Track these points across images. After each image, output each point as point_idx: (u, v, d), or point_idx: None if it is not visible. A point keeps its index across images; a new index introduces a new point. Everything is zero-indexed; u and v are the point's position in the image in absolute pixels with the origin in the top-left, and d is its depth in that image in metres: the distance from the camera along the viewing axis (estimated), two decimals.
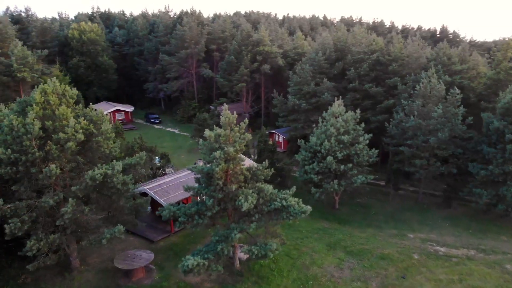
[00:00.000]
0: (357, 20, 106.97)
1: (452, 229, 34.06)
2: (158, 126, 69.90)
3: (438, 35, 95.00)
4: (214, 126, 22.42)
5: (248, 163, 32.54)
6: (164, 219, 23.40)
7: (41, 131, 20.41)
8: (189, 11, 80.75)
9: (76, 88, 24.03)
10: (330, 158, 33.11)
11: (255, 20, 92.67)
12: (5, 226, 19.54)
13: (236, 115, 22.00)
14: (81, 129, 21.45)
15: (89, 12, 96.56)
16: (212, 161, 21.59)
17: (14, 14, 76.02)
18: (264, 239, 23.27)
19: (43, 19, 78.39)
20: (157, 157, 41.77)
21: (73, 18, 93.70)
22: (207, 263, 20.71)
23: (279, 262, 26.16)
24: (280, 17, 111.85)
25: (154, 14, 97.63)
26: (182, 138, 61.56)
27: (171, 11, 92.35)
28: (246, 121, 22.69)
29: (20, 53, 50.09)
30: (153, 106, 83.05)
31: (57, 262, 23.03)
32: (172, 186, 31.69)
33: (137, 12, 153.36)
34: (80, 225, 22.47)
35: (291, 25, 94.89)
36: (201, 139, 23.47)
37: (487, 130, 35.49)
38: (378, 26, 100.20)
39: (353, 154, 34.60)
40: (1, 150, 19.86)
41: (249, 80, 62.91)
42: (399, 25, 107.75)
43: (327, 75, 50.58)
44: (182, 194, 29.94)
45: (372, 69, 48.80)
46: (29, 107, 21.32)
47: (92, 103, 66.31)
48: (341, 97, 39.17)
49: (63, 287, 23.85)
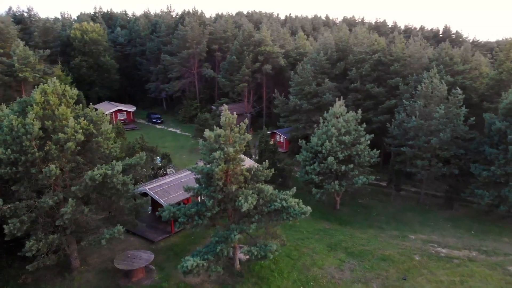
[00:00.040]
0: (360, 20, 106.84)
1: (453, 230, 33.89)
2: (160, 126, 69.94)
3: (441, 35, 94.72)
4: (214, 127, 22.37)
5: (249, 163, 32.52)
6: (164, 219, 23.36)
7: (40, 131, 20.39)
8: (191, 11, 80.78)
9: (78, 88, 24.11)
10: (331, 159, 33.00)
11: (257, 20, 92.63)
12: (4, 227, 19.53)
13: (236, 116, 21.92)
14: (80, 129, 21.42)
15: (92, 12, 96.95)
16: (212, 161, 21.54)
17: (17, 14, 76.32)
18: (264, 240, 23.18)
19: (45, 19, 78.58)
20: (158, 157, 41.77)
21: (75, 18, 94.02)
22: (206, 264, 20.63)
23: (279, 263, 26.06)
24: (282, 17, 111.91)
25: (156, 14, 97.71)
26: (184, 138, 61.53)
27: (173, 11, 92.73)
28: (246, 121, 22.62)
29: (22, 53, 50.24)
30: (155, 106, 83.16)
31: (57, 262, 22.98)
32: (173, 187, 31.61)
33: (139, 12, 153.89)
34: (80, 225, 22.47)
35: (293, 25, 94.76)
36: (202, 139, 23.43)
37: (489, 131, 35.29)
38: (380, 26, 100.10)
39: (354, 155, 34.47)
40: (1, 150, 19.84)
41: (251, 80, 62.80)
42: (401, 25, 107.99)
43: (329, 75, 50.44)
44: (182, 195, 29.84)
45: (374, 69, 48.66)
46: (29, 107, 21.31)
47: (94, 103, 67.12)
48: (343, 97, 39.06)
49: (63, 287, 23.81)
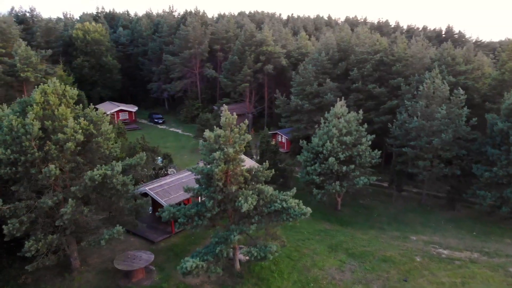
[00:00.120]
0: (362, 20, 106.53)
1: (455, 231, 33.71)
2: (162, 126, 69.97)
3: (443, 35, 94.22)
4: (214, 127, 22.31)
5: (250, 163, 32.44)
6: (164, 220, 23.31)
7: (40, 131, 20.37)
8: (193, 11, 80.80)
9: (80, 88, 24.18)
10: (332, 159, 32.89)
11: (259, 20, 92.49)
12: (3, 227, 19.52)
13: (236, 116, 21.84)
14: (80, 130, 21.38)
15: (94, 12, 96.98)
16: (212, 162, 21.48)
17: (19, 14, 76.44)
18: (264, 241, 23.10)
19: (47, 19, 78.73)
20: (159, 158, 41.78)
21: (77, 18, 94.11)
22: (206, 265, 20.55)
23: (279, 264, 25.95)
24: (285, 17, 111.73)
25: (158, 14, 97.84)
26: (185, 138, 61.51)
27: (175, 11, 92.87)
28: (246, 122, 22.52)
29: (24, 53, 50.33)
30: (157, 106, 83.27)
31: (57, 262, 22.96)
32: (174, 187, 31.55)
33: (141, 12, 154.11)
34: (79, 225, 22.44)
35: (295, 25, 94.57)
36: (202, 139, 23.38)
37: (491, 132, 35.10)
38: (383, 26, 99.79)
39: (356, 155, 34.34)
40: (1, 150, 19.81)
41: (252, 80, 62.74)
42: (404, 25, 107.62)
43: (330, 75, 50.30)
44: (183, 195, 29.76)
45: (376, 69, 48.48)
46: (29, 107, 21.30)
47: (96, 103, 67.19)
48: (344, 97, 38.89)
49: (63, 287, 23.79)
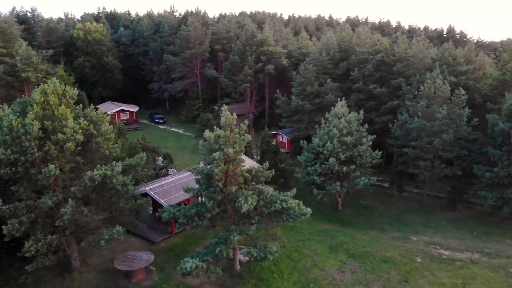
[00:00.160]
0: (363, 20, 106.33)
1: (456, 232, 33.63)
2: (163, 126, 69.97)
3: (445, 35, 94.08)
4: (214, 127, 22.28)
5: (250, 164, 32.41)
6: (163, 220, 23.27)
7: (40, 131, 20.37)
8: (194, 11, 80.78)
9: (81, 88, 24.22)
10: (332, 160, 32.83)
11: (261, 20, 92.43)
12: (3, 227, 19.52)
13: (236, 116, 21.79)
14: (80, 130, 21.38)
15: (95, 12, 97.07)
16: (212, 162, 21.45)
17: (20, 14, 76.42)
18: (264, 242, 23.06)
19: (49, 19, 78.75)
20: (160, 158, 41.77)
21: (79, 18, 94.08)
22: (206, 266, 20.52)
23: (280, 265, 25.90)
24: (286, 17, 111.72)
25: (159, 14, 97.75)
26: (186, 138, 61.51)
27: (176, 11, 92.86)
28: (246, 122, 22.46)
29: (25, 53, 50.33)
30: (158, 106, 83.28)
31: (56, 262, 22.93)
32: (174, 187, 31.52)
33: (142, 12, 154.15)
34: (79, 226, 22.43)
35: (296, 25, 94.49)
36: (202, 140, 23.36)
37: (492, 132, 35.00)
38: (384, 26, 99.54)
39: (356, 156, 34.26)
40: (1, 150, 19.81)
41: (253, 81, 62.69)
42: (405, 25, 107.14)
43: (331, 75, 50.22)
44: (183, 195, 29.72)
45: (377, 69, 48.38)
46: (29, 107, 21.30)
47: (97, 103, 67.29)
48: (345, 97, 38.88)
49: (63, 287, 23.82)
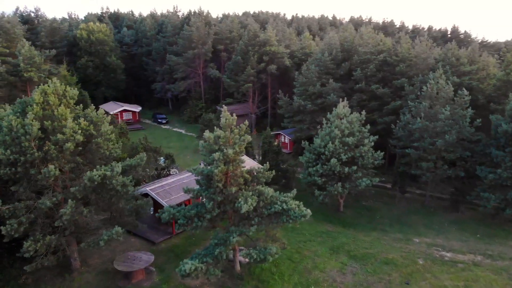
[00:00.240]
0: (367, 20, 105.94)
1: (459, 233, 33.37)
2: (165, 126, 69.99)
3: (449, 35, 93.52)
4: (215, 127, 22.18)
5: (251, 164, 32.32)
6: (163, 221, 23.19)
7: (40, 131, 20.35)
8: (197, 11, 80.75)
9: (84, 88, 24.21)
10: (334, 160, 32.64)
11: (264, 20, 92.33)
12: (1, 228, 19.51)
13: (236, 117, 21.68)
14: (80, 130, 21.35)
15: (99, 12, 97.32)
16: (211, 163, 21.37)
17: (24, 14, 76.73)
18: (264, 243, 22.95)
19: (52, 19, 78.92)
20: (162, 158, 41.73)
21: (82, 19, 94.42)
22: (205, 267, 20.41)
23: (280, 266, 25.78)
24: (289, 17, 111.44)
25: (162, 14, 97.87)
26: (189, 138, 61.52)
27: (179, 11, 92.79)
28: (246, 122, 22.36)
29: (27, 53, 50.48)
30: (160, 106, 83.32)
31: (56, 263, 22.96)
32: (175, 187, 31.49)
33: (146, 13, 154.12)
34: (79, 226, 22.43)
35: (299, 25, 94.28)
36: (202, 140, 23.28)
37: (495, 133, 34.67)
38: (388, 26, 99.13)
39: (358, 157, 34.05)
40: (1, 150, 19.84)
41: (256, 81, 62.60)
42: (409, 25, 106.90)
43: (333, 75, 50.00)
44: (184, 196, 29.65)
45: (379, 69, 48.13)
46: (29, 107, 21.30)
47: (100, 103, 67.45)
48: (347, 98, 38.61)
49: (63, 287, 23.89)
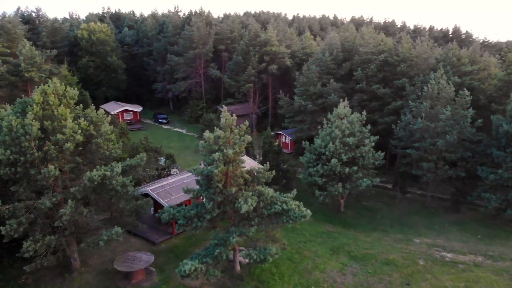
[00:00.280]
0: (368, 20, 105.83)
1: (459, 234, 33.27)
2: (166, 126, 70.00)
3: (450, 35, 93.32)
4: (215, 128, 22.15)
5: (251, 164, 32.27)
6: (163, 221, 23.17)
7: (40, 131, 20.35)
8: (198, 11, 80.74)
9: (85, 88, 24.20)
10: (334, 161, 32.58)
11: (265, 20, 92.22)
12: (1, 228, 19.50)
13: (236, 117, 21.65)
14: (79, 130, 21.33)
15: (100, 12, 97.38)
16: (211, 163, 21.34)
17: (25, 14, 76.75)
18: (264, 244, 22.91)
19: (53, 19, 78.97)
20: (162, 158, 41.73)
21: (83, 19, 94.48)
22: (205, 268, 20.38)
23: (280, 266, 25.74)
24: (290, 17, 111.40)
25: (163, 14, 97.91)
26: (190, 138, 61.53)
27: (180, 11, 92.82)
28: (246, 123, 22.33)
29: (28, 53, 50.54)
30: (161, 106, 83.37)
31: (56, 263, 22.99)
32: (175, 187, 31.47)
33: (147, 13, 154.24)
34: (79, 226, 22.42)
35: (300, 25, 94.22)
36: (202, 140, 23.26)
37: (496, 133, 34.59)
38: (389, 26, 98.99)
39: (359, 157, 33.99)
40: (1, 151, 19.86)
41: (257, 81, 62.57)
42: (411, 25, 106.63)
43: (334, 75, 49.93)
44: (184, 196, 29.57)
45: (380, 69, 48.05)
46: (28, 107, 21.30)
47: (101, 103, 67.48)
48: (348, 98, 38.56)
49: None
